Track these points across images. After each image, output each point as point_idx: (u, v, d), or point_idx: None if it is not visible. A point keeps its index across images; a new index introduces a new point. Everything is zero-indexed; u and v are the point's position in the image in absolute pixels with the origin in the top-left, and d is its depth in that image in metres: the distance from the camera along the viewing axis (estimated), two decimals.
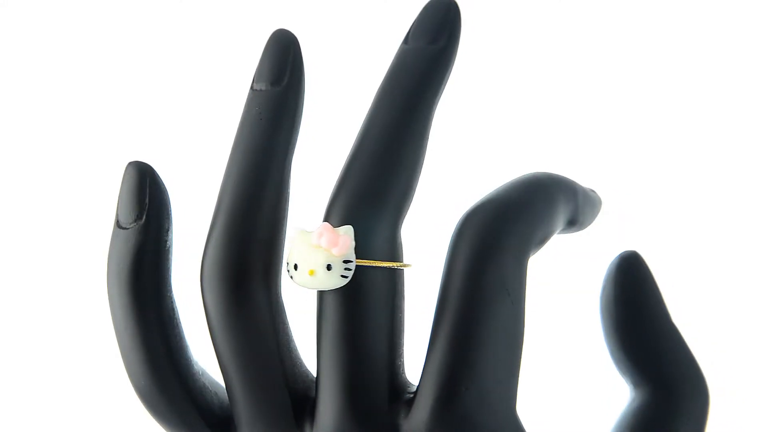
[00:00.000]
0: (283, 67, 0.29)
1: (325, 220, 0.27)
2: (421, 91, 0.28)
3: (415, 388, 0.27)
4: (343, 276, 0.26)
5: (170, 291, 0.29)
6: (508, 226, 0.27)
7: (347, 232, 0.26)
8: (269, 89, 0.29)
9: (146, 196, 0.29)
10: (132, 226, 0.28)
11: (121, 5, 0.66)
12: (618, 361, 0.31)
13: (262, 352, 0.27)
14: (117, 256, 0.28)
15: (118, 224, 0.29)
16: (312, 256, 0.26)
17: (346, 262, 0.26)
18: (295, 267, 0.26)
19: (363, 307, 0.27)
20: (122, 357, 0.29)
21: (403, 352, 0.28)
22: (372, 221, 0.27)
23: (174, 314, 0.30)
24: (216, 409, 0.30)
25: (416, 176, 0.28)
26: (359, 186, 0.27)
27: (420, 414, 0.26)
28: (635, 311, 0.30)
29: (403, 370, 0.28)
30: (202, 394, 0.30)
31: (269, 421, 0.28)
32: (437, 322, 0.27)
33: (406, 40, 0.29)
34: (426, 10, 0.29)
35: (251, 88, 0.29)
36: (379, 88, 0.29)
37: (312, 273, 0.26)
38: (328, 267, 0.26)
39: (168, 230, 0.29)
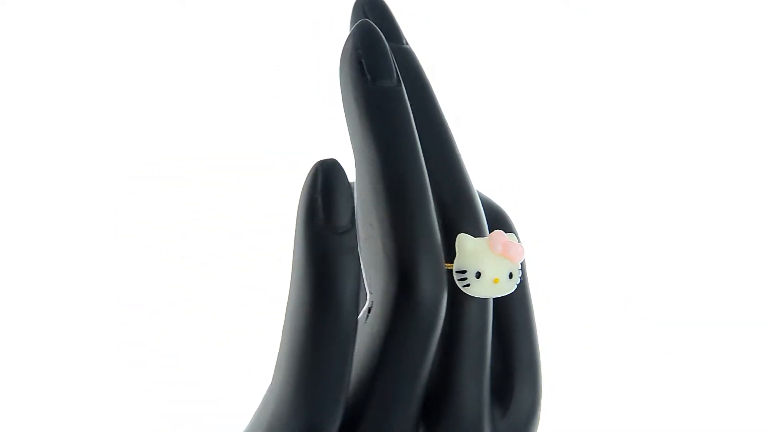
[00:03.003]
0: (392, 62, 0.28)
1: (474, 229, 0.27)
2: (432, 89, 0.29)
3: None
4: (517, 283, 0.27)
5: None
6: None
7: (516, 239, 0.27)
8: (396, 86, 0.27)
9: (353, 198, 0.26)
10: (346, 231, 0.25)
11: (122, 4, 0.66)
12: None
13: (431, 351, 0.27)
14: (340, 268, 0.25)
15: (328, 228, 0.25)
16: (498, 265, 0.26)
17: (519, 269, 0.27)
18: (477, 275, 0.26)
19: None
20: (310, 378, 0.26)
21: None
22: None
23: None
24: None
25: None
26: (473, 194, 0.28)
27: (520, 415, 0.29)
28: None
29: None
30: None
31: (405, 421, 0.27)
32: (519, 336, 0.29)
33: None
34: (380, 10, 0.30)
35: (372, 83, 0.27)
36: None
37: (497, 281, 0.26)
38: (510, 275, 0.26)
39: None
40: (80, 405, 0.62)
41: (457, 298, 0.27)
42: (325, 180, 0.25)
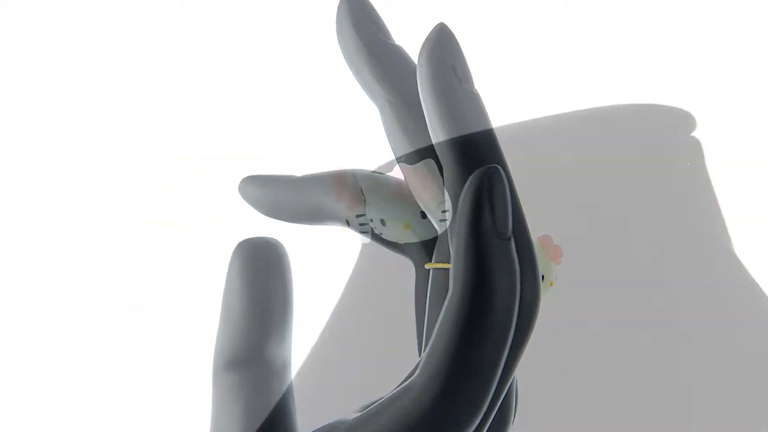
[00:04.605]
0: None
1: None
2: None
3: None
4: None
5: None
6: None
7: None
8: (477, 90, 0.28)
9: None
10: (509, 238, 0.25)
11: (122, 4, 0.66)
12: None
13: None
14: (502, 271, 0.25)
15: (495, 233, 0.25)
16: (551, 268, 0.27)
17: None
18: (542, 278, 0.27)
19: None
20: (456, 378, 0.26)
21: None
22: None
23: None
24: None
25: None
26: None
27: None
28: None
29: None
30: None
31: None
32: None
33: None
34: (370, 11, 0.31)
35: (462, 87, 0.28)
36: None
37: (552, 284, 0.27)
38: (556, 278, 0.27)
39: None
40: (80, 405, 0.62)
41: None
42: (493, 187, 0.25)
